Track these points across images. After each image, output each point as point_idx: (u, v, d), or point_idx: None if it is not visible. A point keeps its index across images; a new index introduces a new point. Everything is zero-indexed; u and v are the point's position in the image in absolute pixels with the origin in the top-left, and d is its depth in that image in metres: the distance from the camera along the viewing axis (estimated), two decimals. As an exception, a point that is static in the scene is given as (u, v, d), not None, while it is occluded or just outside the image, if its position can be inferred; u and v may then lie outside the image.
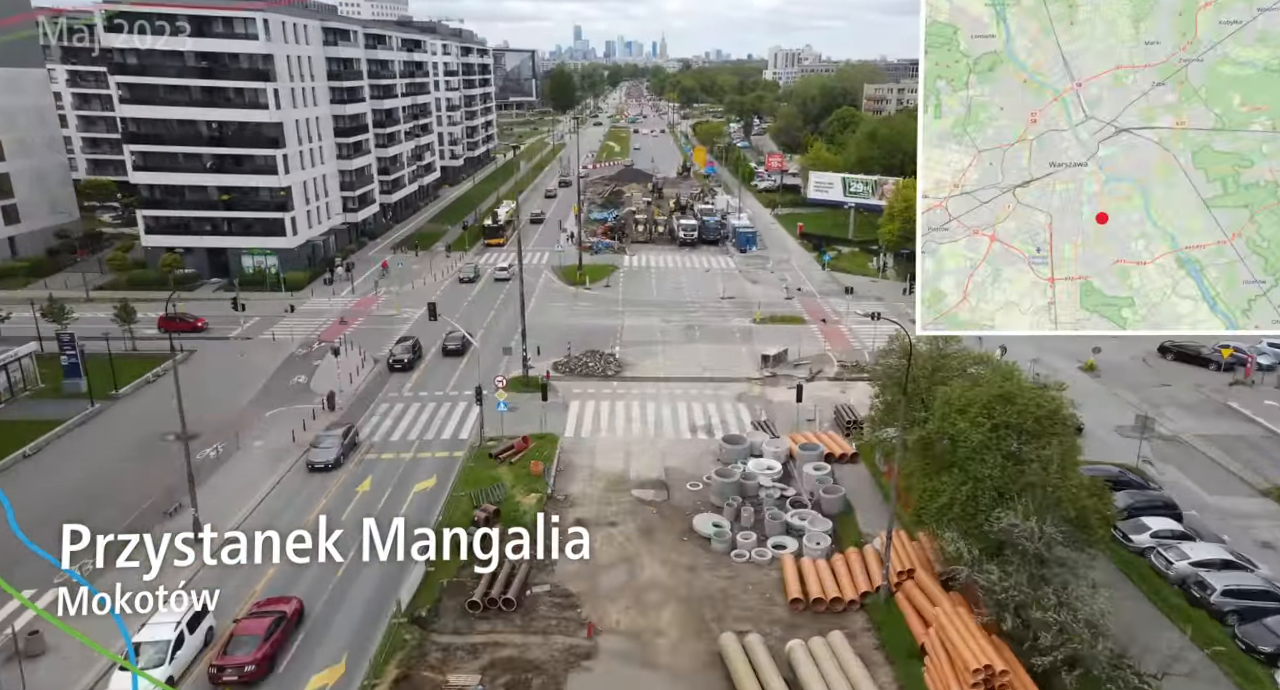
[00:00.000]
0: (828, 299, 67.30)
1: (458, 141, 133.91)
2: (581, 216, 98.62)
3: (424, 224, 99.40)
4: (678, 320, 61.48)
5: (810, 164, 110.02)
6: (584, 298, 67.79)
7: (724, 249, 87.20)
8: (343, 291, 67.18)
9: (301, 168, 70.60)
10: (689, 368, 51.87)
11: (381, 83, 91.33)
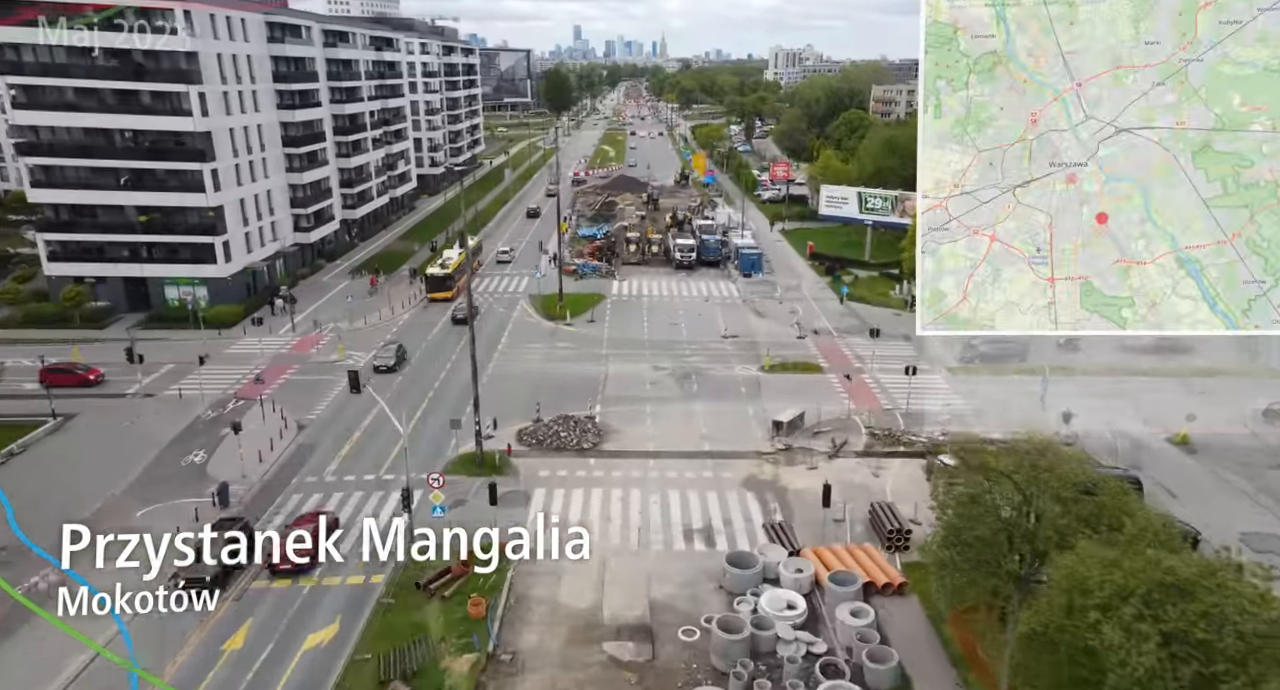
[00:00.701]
0: (847, 339, 57.67)
1: (438, 148, 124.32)
2: (566, 235, 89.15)
3: (394, 241, 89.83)
4: (672, 368, 51.87)
5: (820, 174, 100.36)
6: (563, 337, 58.16)
7: (725, 272, 77.62)
8: (281, 329, 57.58)
9: (237, 183, 61.01)
10: (684, 437, 42.28)
11: (344, 85, 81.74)
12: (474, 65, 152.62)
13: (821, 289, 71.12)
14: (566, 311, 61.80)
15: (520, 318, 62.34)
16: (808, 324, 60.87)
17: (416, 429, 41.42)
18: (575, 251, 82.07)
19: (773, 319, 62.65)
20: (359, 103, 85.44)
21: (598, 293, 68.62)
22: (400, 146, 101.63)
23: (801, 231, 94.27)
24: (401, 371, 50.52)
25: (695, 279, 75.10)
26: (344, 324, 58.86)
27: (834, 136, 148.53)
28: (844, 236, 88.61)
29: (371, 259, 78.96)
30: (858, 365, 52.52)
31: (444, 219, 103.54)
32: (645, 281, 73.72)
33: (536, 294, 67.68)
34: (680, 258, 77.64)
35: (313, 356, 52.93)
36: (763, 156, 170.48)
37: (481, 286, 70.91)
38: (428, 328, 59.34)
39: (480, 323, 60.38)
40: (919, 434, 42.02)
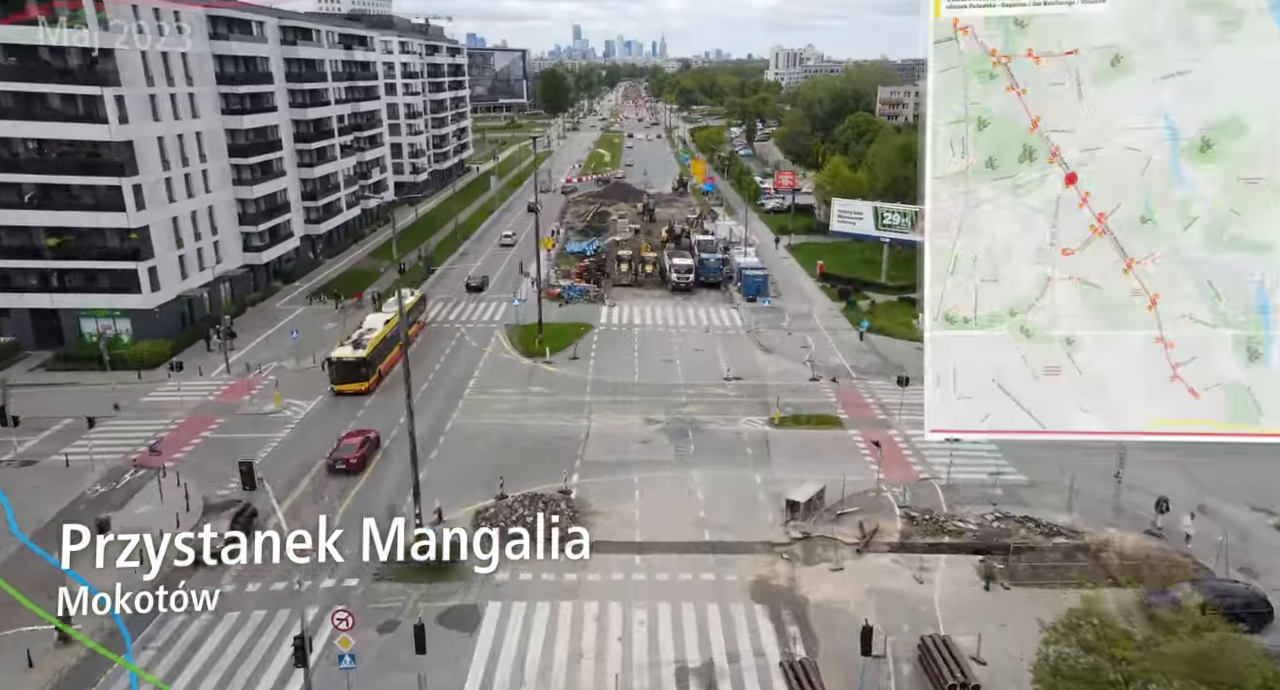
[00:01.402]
0: (868, 382, 49.91)
1: (421, 153, 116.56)
2: (552, 252, 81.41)
3: (365, 258, 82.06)
4: (665, 421, 44.12)
5: (828, 184, 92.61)
6: (540, 378, 50.36)
7: (726, 294, 69.94)
8: (213, 369, 49.78)
9: (169, 200, 53.26)
10: (679, 520, 34.54)
11: (306, 87, 73.99)
12: (461, 65, 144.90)
13: (835, 317, 63.36)
14: (546, 347, 54.00)
15: (494, 354, 54.52)
16: (822, 361, 53.13)
17: (349, 517, 33.58)
18: (561, 271, 74.33)
19: (781, 355, 54.88)
20: (324, 106, 77.66)
21: (584, 322, 60.83)
22: (375, 153, 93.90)
23: (809, 247, 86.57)
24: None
25: (693, 303, 67.38)
26: (288, 363, 51.07)
27: (840, 140, 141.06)
28: (856, 253, 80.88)
29: (335, 281, 71.08)
30: (882, 416, 44.85)
31: (426, 230, 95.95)
32: (638, 307, 65.96)
33: (514, 324, 59.96)
34: (677, 280, 69.88)
35: (244, 406, 45.11)
36: (765, 160, 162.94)
37: (453, 315, 63.15)
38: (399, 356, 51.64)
39: (448, 361, 52.67)
40: (966, 518, 34.28)
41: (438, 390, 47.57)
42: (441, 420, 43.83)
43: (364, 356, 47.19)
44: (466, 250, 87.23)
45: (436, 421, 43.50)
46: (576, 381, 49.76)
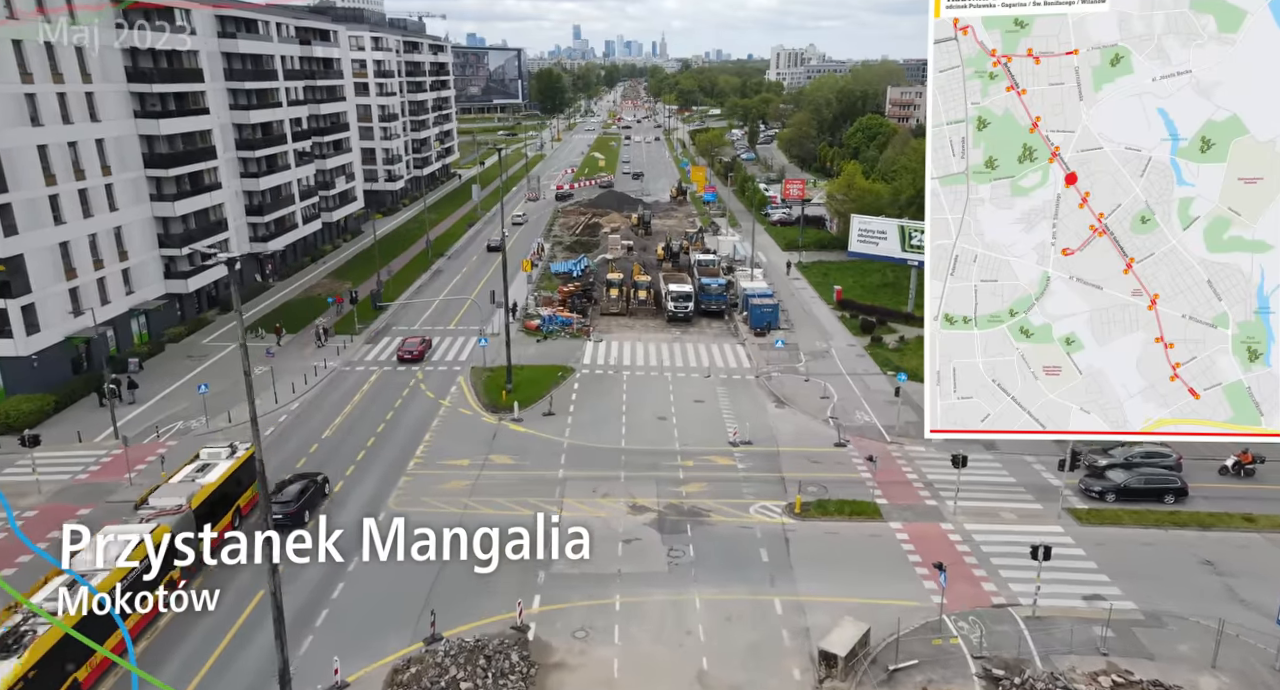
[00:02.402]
0: (906, 448, 40.61)
1: (397, 159, 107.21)
2: (534, 273, 72.11)
3: (323, 279, 72.71)
4: (657, 509, 34.80)
5: (842, 194, 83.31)
6: (504, 443, 41.02)
7: (730, 324, 60.70)
8: (99, 434, 40.42)
9: (54, 220, 43.96)
10: (673, 674, 25.27)
11: (251, 86, 64.71)
12: (444, 64, 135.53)
13: (858, 356, 54.01)
14: (514, 401, 44.64)
15: (452, 409, 45.13)
16: (847, 418, 43.83)
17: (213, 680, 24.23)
18: (542, 298, 64.98)
19: (798, 408, 45.54)
20: (274, 108, 68.34)
21: (563, 365, 51.47)
22: (340, 160, 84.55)
23: (821, 266, 77.28)
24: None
25: (693, 337, 58.06)
26: (196, 423, 41.72)
27: (850, 144, 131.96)
28: (877, 274, 71.68)
29: (280, 310, 61.74)
30: (930, 500, 35.56)
31: (398, 245, 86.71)
32: (628, 343, 56.64)
33: (481, 367, 50.65)
34: (674, 309, 60.54)
35: (122, 489, 35.68)
36: (768, 165, 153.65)
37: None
38: (337, 411, 42.29)
39: (395, 420, 43.35)
40: (1073, 677, 24.92)
41: (374, 463, 38.20)
42: (373, 506, 34.49)
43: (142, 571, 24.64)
44: (441, 268, 77.85)
45: (367, 506, 34.17)
46: (549, 447, 40.42)
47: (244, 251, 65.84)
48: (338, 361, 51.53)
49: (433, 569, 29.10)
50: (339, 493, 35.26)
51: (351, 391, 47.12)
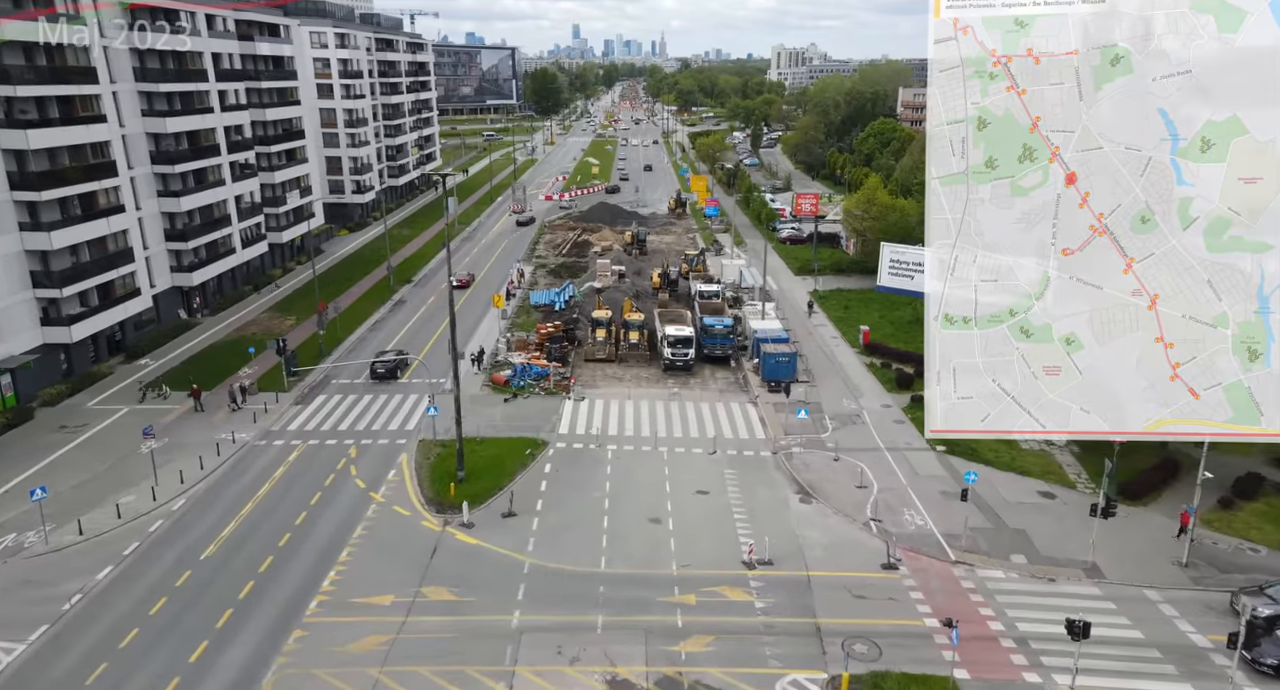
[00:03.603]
0: (981, 573, 30.51)
1: (366, 168, 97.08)
2: (509, 308, 62.05)
3: (263, 312, 62.59)
4: (646, 683, 24.74)
5: (862, 210, 73.23)
6: (445, 565, 30.82)
7: (737, 373, 50.83)
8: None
9: None
10: None
11: (167, 89, 54.56)
12: (424, 63, 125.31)
13: (896, 422, 43.87)
14: (465, 501, 34.53)
15: (385, 507, 35.03)
16: (895, 522, 33.82)
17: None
18: (517, 340, 54.89)
19: (829, 502, 35.51)
20: (203, 114, 58.25)
21: (534, 437, 41.38)
22: (293, 172, 74.39)
23: (841, 296, 67.29)
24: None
25: (694, 392, 48.05)
26: (31, 538, 31.51)
27: (862, 150, 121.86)
28: (906, 308, 61.69)
29: (194, 359, 51.40)
30: (1033, 674, 25.47)
31: (358, 268, 76.63)
32: (616, 401, 46.61)
33: (432, 440, 40.67)
34: (672, 357, 50.49)
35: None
36: (773, 171, 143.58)
37: (345, 421, 43.68)
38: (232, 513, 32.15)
39: (306, 525, 33.28)
40: None
41: (260, 606, 28.06)
42: (244, 681, 24.40)
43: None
44: (404, 298, 67.77)
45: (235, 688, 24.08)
46: (505, 572, 30.33)
47: (165, 285, 55.78)
48: (253, 432, 41.46)
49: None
50: (195, 665, 25.10)
51: (260, 478, 37.06)
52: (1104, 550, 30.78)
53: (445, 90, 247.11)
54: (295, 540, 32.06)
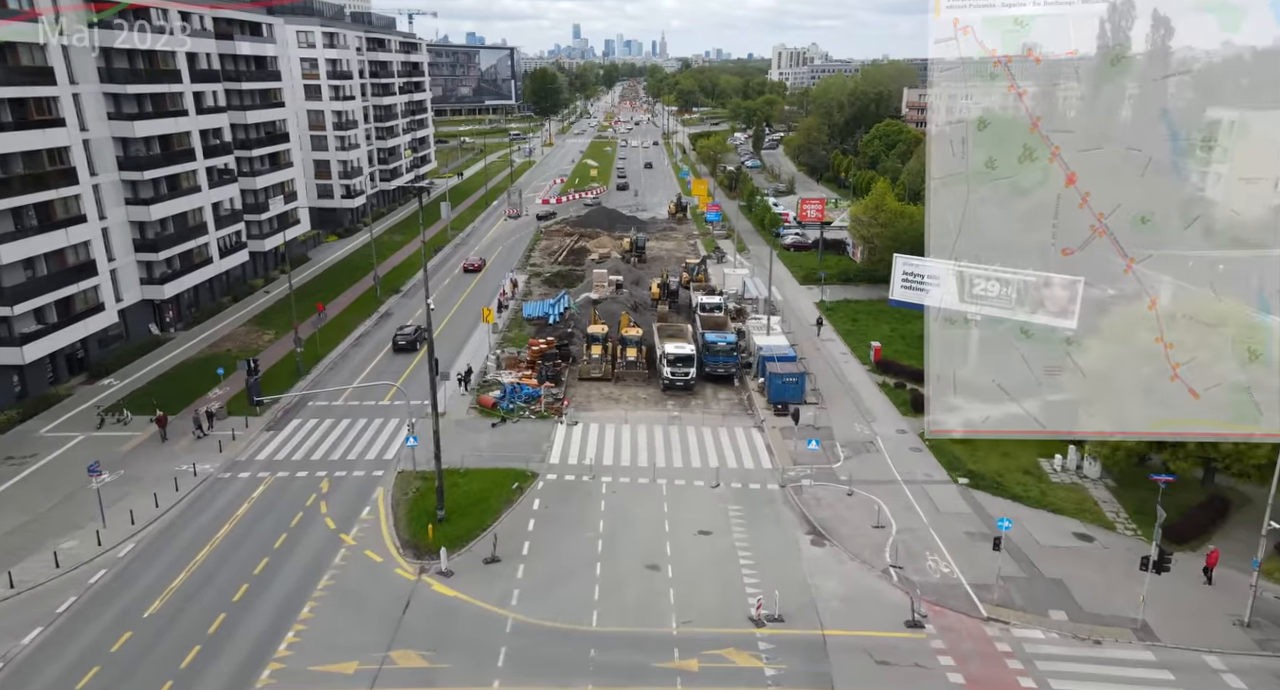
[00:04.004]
0: (1016, 633, 27.28)
1: (356, 172, 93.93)
2: (500, 322, 58.82)
3: (241, 325, 59.42)
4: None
5: (869, 217, 70.07)
6: (419, 620, 27.58)
7: (741, 393, 47.65)
8: None
9: None
10: None
11: (137, 90, 51.38)
12: (418, 63, 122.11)
13: (913, 450, 40.59)
14: (443, 545, 31.32)
15: (357, 551, 31.81)
16: (918, 569, 30.56)
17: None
18: (507, 356, 51.70)
19: (843, 545, 32.26)
20: (176, 117, 55.06)
21: (522, 468, 38.15)
22: (276, 177, 71.20)
23: (849, 307, 64.19)
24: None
25: (695, 414, 44.86)
26: (-31, 590, 28.35)
27: (866, 153, 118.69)
28: (918, 321, 57.88)
29: (160, 380, 48.19)
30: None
31: (345, 276, 73.45)
32: (612, 425, 43.43)
33: (411, 471, 37.47)
34: (672, 376, 47.28)
35: None
36: (775, 173, 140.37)
37: (319, 449, 40.49)
38: (186, 559, 28.95)
39: (267, 573, 30.04)
40: None
41: (205, 673, 24.81)
42: None
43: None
44: (391, 310, 64.57)
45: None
46: (485, 631, 27.10)
47: (134, 298, 52.59)
48: (217, 463, 38.26)
49: None
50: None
51: (219, 518, 33.84)
52: (1153, 604, 27.50)
53: (443, 90, 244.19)
54: (252, 593, 28.83)
